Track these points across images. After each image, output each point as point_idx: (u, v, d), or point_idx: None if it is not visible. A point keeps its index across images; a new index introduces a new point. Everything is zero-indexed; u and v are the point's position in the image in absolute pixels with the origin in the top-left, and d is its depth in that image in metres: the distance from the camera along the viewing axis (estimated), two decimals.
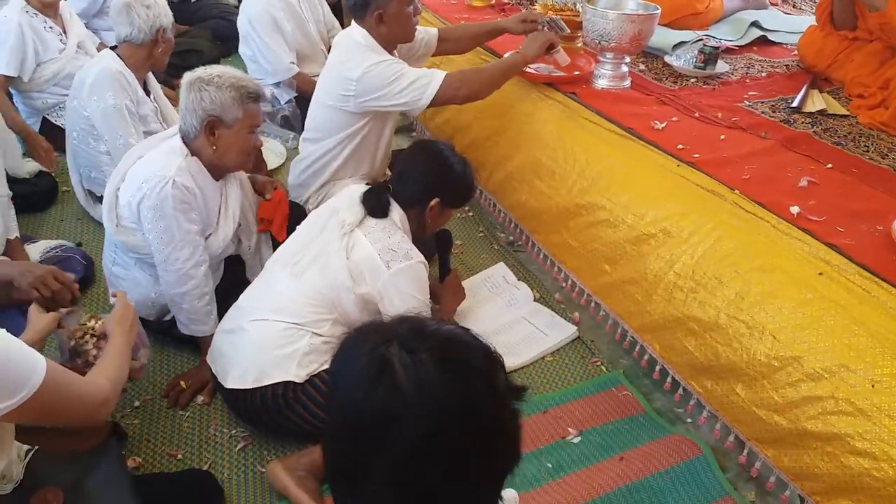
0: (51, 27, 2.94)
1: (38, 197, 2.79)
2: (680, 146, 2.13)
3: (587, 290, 2.26)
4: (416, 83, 2.21)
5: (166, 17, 2.43)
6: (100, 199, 2.43)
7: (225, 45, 4.17)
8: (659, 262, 1.93)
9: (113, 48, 2.48)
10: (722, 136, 2.19)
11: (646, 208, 2.03)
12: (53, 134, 2.91)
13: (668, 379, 1.93)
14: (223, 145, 1.88)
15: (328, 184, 2.44)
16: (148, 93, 2.54)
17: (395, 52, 2.37)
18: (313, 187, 2.47)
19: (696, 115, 2.33)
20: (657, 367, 1.97)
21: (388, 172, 2.56)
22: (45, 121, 3.02)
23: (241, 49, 3.40)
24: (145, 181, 1.84)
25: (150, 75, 2.57)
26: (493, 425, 0.76)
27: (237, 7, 4.28)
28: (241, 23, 3.29)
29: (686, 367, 1.86)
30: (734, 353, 1.69)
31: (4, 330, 1.16)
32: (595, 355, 2.19)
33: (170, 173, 1.82)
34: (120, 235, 1.95)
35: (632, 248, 2.04)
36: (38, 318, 1.50)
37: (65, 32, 3.00)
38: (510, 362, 2.13)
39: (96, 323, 1.53)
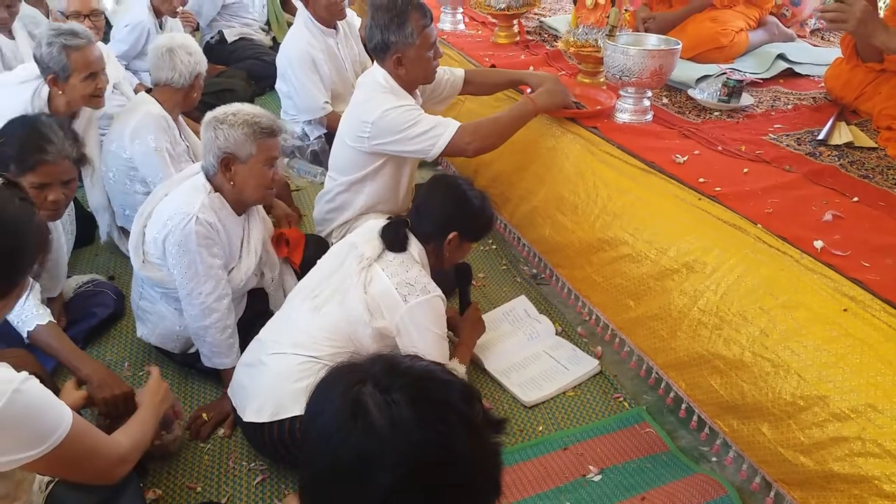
0: None
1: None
2: (701, 179, 2.11)
3: (611, 326, 2.24)
4: (429, 132, 2.24)
5: (203, 62, 2.55)
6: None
7: (260, 84, 4.30)
8: (683, 297, 1.92)
9: (148, 90, 2.58)
10: (745, 170, 2.16)
11: (668, 243, 2.02)
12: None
13: (694, 417, 1.91)
14: (240, 180, 1.93)
15: (351, 220, 2.48)
16: (180, 133, 2.63)
17: (416, 92, 2.41)
18: (336, 222, 2.51)
19: (719, 148, 2.31)
20: (683, 405, 1.94)
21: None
22: None
23: (278, 85, 3.50)
24: (170, 218, 1.90)
25: (182, 118, 2.67)
26: (470, 461, 0.75)
27: (272, 48, 4.44)
28: (280, 61, 3.39)
29: (712, 406, 1.83)
30: (759, 392, 1.67)
31: (36, 379, 1.20)
32: (618, 391, 2.15)
33: (193, 210, 1.88)
34: (146, 271, 2.01)
35: (655, 284, 2.03)
36: (69, 394, 1.63)
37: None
38: (531, 396, 2.11)
39: None
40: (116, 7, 4.41)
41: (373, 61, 2.42)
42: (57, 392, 1.85)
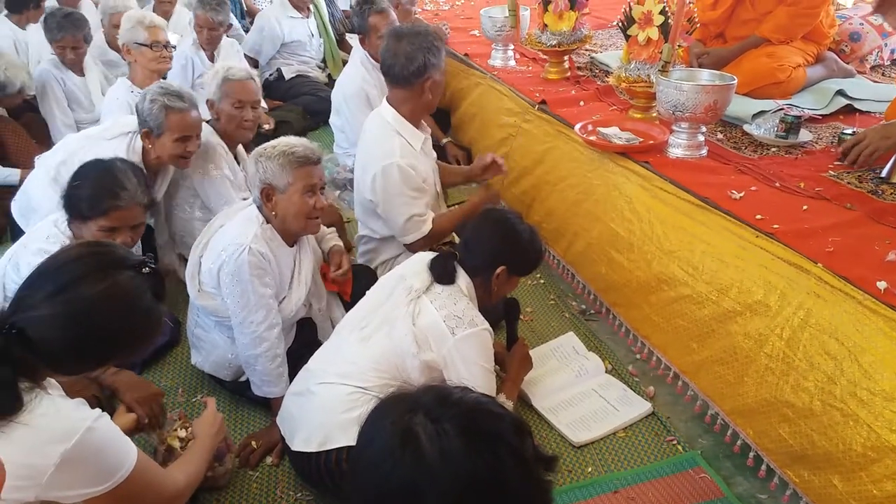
0: None
1: None
2: (759, 216, 2.06)
3: (674, 368, 2.21)
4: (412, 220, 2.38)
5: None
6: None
7: (315, 118, 4.42)
8: (748, 341, 1.90)
9: (207, 121, 2.69)
10: (804, 207, 2.10)
11: (728, 283, 1.99)
12: None
13: (763, 466, 1.86)
14: (281, 210, 1.98)
15: (390, 259, 2.54)
16: (238, 163, 2.73)
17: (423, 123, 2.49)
18: (376, 262, 2.58)
19: (777, 184, 2.26)
20: (751, 453, 1.90)
21: (456, 237, 2.61)
22: None
23: (332, 119, 3.59)
24: (224, 249, 1.96)
25: (241, 147, 2.76)
26: (520, 496, 0.74)
27: (328, 85, 4.57)
28: (336, 96, 3.49)
29: (782, 455, 1.79)
30: (830, 442, 1.63)
31: (108, 417, 1.25)
32: (671, 433, 2.09)
33: (246, 241, 1.93)
34: (201, 300, 2.07)
35: (719, 327, 2.01)
36: (120, 418, 1.68)
37: None
38: (580, 436, 2.07)
39: (186, 431, 1.73)
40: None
41: None
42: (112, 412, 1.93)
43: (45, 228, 2.00)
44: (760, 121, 2.75)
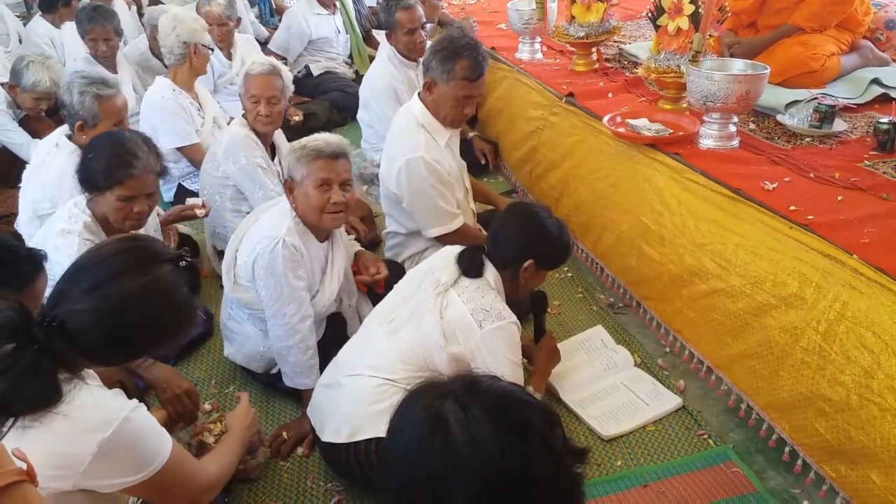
0: (191, 102, 3.27)
1: None
2: (792, 207, 2.02)
3: (707, 362, 2.19)
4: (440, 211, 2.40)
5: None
6: (221, 254, 2.63)
7: (342, 114, 4.46)
8: (784, 335, 1.87)
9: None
10: (839, 198, 2.06)
11: (762, 276, 1.96)
12: (184, 199, 3.20)
13: (799, 461, 1.84)
14: (300, 204, 2.01)
15: (417, 254, 2.56)
16: (273, 156, 2.77)
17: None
18: (403, 256, 2.60)
19: (811, 175, 2.21)
20: (787, 448, 1.88)
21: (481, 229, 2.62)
22: (179, 186, 3.33)
23: (360, 115, 3.61)
24: (259, 242, 1.99)
25: (279, 140, 2.80)
26: (550, 487, 0.73)
27: (355, 81, 4.60)
28: (364, 92, 3.51)
29: (818, 450, 1.77)
30: (867, 437, 1.60)
31: (144, 407, 1.28)
32: (702, 427, 2.07)
33: (280, 234, 1.96)
34: (236, 293, 2.10)
35: (753, 320, 1.98)
36: (156, 412, 1.73)
37: (201, 108, 3.33)
38: (610, 430, 2.06)
39: (219, 425, 1.77)
40: None
41: None
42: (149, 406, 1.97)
43: (67, 210, 2.06)
44: (794, 110, 2.69)
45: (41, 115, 3.35)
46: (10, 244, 1.61)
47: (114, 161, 1.98)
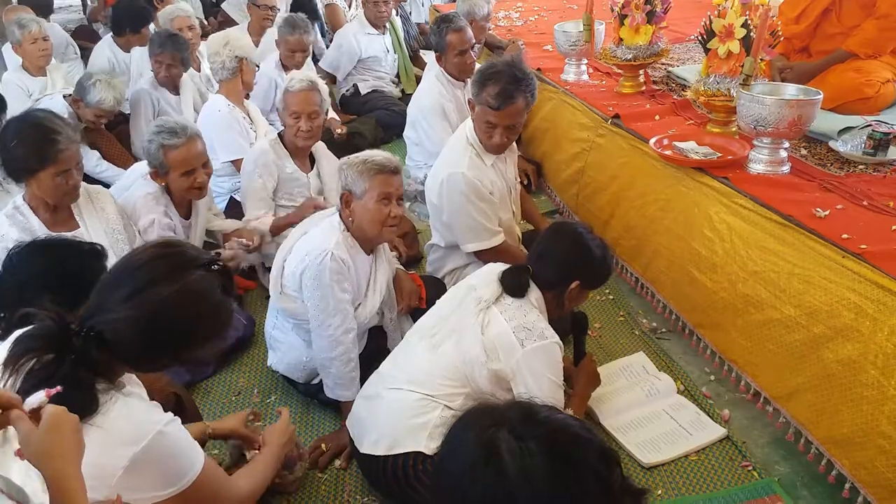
0: (244, 117, 3.36)
1: None
2: (845, 236, 1.98)
3: (764, 394, 2.14)
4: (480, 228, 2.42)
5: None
6: (265, 268, 2.69)
7: (388, 132, 4.52)
8: (842, 368, 1.83)
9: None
10: (893, 227, 2.01)
11: (817, 306, 1.92)
12: (236, 212, 3.28)
13: (859, 499, 1.79)
14: (358, 216, 2.04)
15: (458, 269, 2.57)
16: (312, 167, 2.87)
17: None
18: (445, 270, 2.61)
19: (865, 202, 2.16)
20: (847, 485, 1.83)
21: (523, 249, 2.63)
22: (231, 199, 3.41)
23: (407, 132, 3.65)
24: (307, 253, 2.03)
25: (325, 155, 2.88)
26: None
27: (401, 99, 4.67)
28: (412, 110, 3.56)
29: (879, 489, 1.72)
30: None
31: (178, 421, 1.30)
32: (746, 459, 2.02)
33: (329, 246, 1.99)
34: (282, 302, 2.14)
35: (810, 352, 1.94)
36: (191, 427, 1.69)
37: (252, 123, 3.41)
38: (650, 458, 2.02)
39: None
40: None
41: None
42: (196, 409, 1.99)
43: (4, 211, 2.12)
44: (847, 137, 2.64)
45: (101, 127, 3.49)
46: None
47: (39, 142, 2.03)
